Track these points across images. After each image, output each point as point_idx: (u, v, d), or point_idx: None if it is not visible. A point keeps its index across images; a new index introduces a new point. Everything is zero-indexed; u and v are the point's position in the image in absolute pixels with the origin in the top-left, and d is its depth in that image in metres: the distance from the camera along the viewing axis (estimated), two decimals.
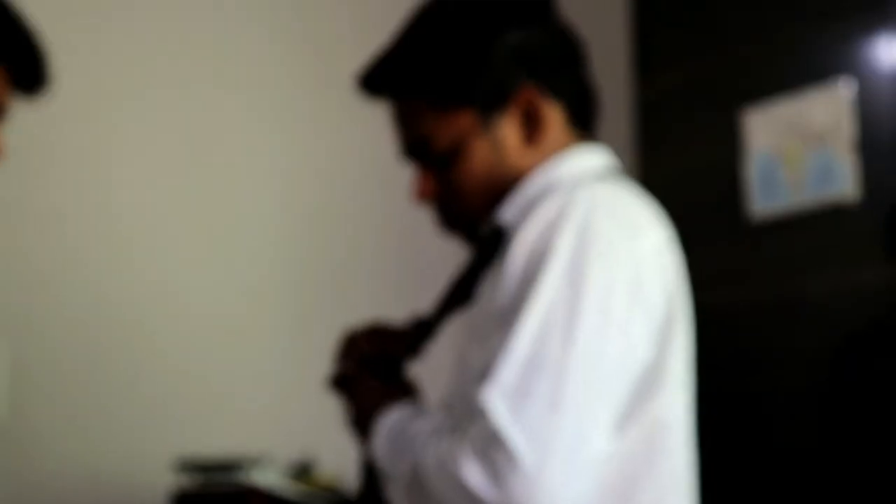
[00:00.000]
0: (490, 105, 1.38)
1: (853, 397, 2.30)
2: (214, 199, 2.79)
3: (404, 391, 1.44)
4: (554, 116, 1.39)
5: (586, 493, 1.19)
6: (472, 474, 1.17)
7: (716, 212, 2.51)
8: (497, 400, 1.16)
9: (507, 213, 1.37)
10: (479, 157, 1.41)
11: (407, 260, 2.50)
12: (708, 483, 1.56)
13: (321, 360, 1.63)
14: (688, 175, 2.57)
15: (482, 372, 1.22)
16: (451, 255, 1.64)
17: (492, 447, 1.16)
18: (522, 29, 1.39)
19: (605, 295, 1.21)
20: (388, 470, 1.31)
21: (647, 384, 1.26)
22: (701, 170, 2.57)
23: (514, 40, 1.37)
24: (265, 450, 2.42)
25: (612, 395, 1.22)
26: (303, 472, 2.50)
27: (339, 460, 2.51)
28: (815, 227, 2.35)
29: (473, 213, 1.43)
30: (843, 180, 2.29)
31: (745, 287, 2.49)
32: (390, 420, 1.35)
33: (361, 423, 1.40)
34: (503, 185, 1.40)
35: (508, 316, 1.23)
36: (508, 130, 1.40)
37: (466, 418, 1.23)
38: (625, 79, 2.84)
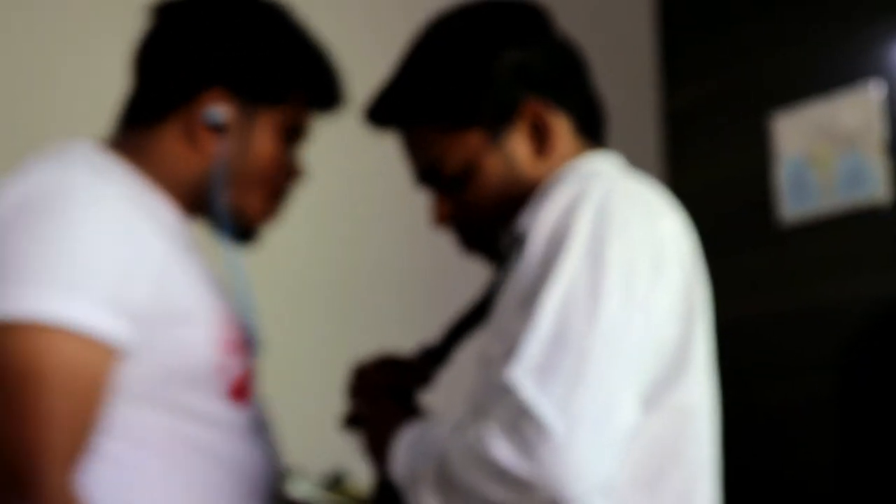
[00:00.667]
0: (497, 121, 1.38)
1: (891, 403, 2.26)
2: None
3: (417, 416, 1.44)
4: (562, 126, 1.39)
5: (614, 474, 1.20)
6: (501, 450, 1.16)
7: (746, 218, 2.50)
8: (523, 376, 1.16)
9: (526, 221, 1.35)
10: (493, 172, 1.41)
11: (437, 277, 2.50)
12: (734, 491, 1.53)
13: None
14: (717, 183, 2.56)
15: (505, 355, 1.22)
16: (480, 271, 1.60)
17: (520, 421, 1.16)
18: (520, 46, 1.40)
19: (626, 272, 1.21)
20: (412, 477, 1.28)
21: (673, 367, 1.25)
22: (731, 177, 2.57)
23: (514, 57, 1.38)
24: (298, 462, 2.31)
25: (637, 371, 1.22)
26: (336, 483, 2.52)
27: (372, 471, 2.77)
28: (845, 230, 2.34)
29: (493, 229, 1.43)
30: (873, 183, 2.28)
31: (777, 292, 2.46)
32: (408, 434, 1.34)
33: (379, 446, 1.38)
34: (519, 197, 1.40)
35: (530, 298, 1.22)
36: (518, 144, 1.40)
37: (489, 401, 1.23)
38: (652, 89, 2.83)
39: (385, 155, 2.75)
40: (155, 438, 1.37)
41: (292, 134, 1.50)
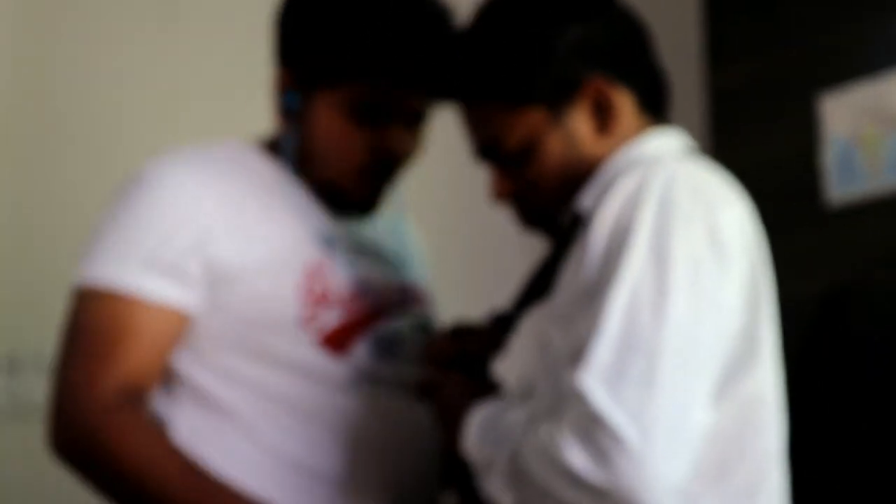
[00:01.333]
0: (558, 99, 1.37)
1: None
2: None
3: (491, 388, 1.43)
4: (625, 103, 1.38)
5: (685, 471, 1.19)
6: (576, 457, 1.15)
7: (793, 199, 2.50)
8: (593, 382, 1.15)
9: (586, 199, 1.35)
10: (554, 151, 1.40)
11: (494, 252, 2.53)
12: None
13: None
14: (763, 164, 2.52)
15: (572, 355, 1.22)
16: (534, 248, 1.60)
17: (594, 429, 1.15)
18: (583, 21, 1.39)
19: (692, 267, 1.20)
20: (484, 461, 1.29)
21: (741, 355, 1.25)
22: (777, 158, 2.55)
23: (576, 33, 1.37)
24: None
25: (709, 369, 1.22)
26: None
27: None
28: (893, 212, 2.34)
29: (553, 207, 1.42)
30: None
31: (818, 273, 2.46)
32: (481, 414, 1.34)
33: (448, 418, 1.39)
34: (580, 175, 1.39)
35: (594, 295, 1.22)
36: (580, 122, 1.38)
37: (560, 403, 1.23)
38: (698, 69, 2.82)
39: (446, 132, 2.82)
40: (245, 385, 1.40)
41: (369, 113, 1.48)
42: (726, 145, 2.67)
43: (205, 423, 1.43)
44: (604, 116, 1.35)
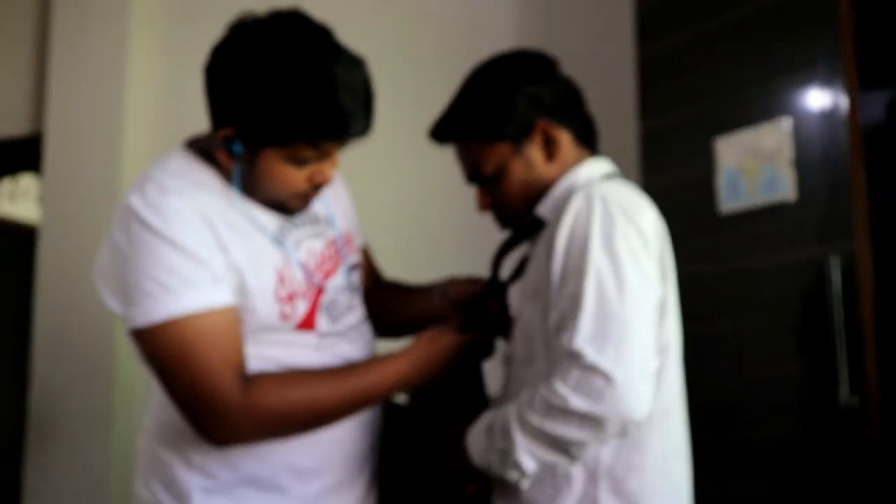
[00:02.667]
0: (519, 137, 1.54)
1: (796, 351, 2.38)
2: None
3: (479, 345, 1.59)
4: (565, 139, 1.55)
5: (651, 398, 1.34)
6: (578, 402, 1.30)
7: (697, 210, 2.63)
8: (584, 344, 1.31)
9: (542, 208, 1.56)
10: (518, 174, 1.56)
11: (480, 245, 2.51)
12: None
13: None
14: (677, 185, 2.67)
15: (555, 325, 1.38)
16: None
17: (590, 377, 1.29)
18: (536, 82, 1.56)
19: (632, 256, 1.36)
20: (497, 455, 1.39)
21: (660, 315, 1.42)
22: (686, 182, 2.68)
23: (531, 90, 1.54)
24: None
25: (653, 325, 1.38)
26: None
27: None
28: (764, 219, 2.48)
29: (519, 213, 1.60)
30: (785, 187, 2.44)
31: (714, 261, 2.59)
32: (473, 430, 1.46)
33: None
34: (536, 190, 1.57)
35: (565, 281, 1.38)
36: (535, 153, 1.56)
37: (544, 362, 1.42)
38: (634, 116, 2.91)
39: (444, 161, 3.10)
40: (256, 358, 1.54)
41: (302, 160, 1.49)
42: (653, 171, 2.76)
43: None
44: (551, 149, 1.54)
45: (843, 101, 2.32)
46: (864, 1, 2.36)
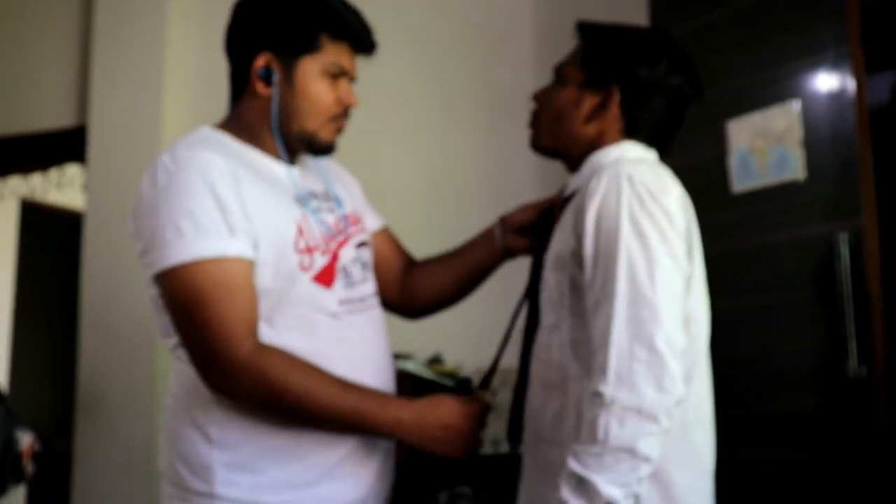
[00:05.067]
0: (595, 84, 1.59)
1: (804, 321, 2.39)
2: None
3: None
4: (614, 120, 1.58)
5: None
6: (647, 390, 1.30)
7: (711, 189, 2.63)
8: (620, 329, 1.33)
9: (577, 181, 1.59)
10: (568, 97, 1.61)
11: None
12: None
13: None
14: (692, 167, 2.57)
15: (591, 308, 1.38)
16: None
17: (631, 365, 1.31)
18: (676, 74, 1.59)
19: (660, 237, 1.37)
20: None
21: (686, 286, 1.42)
22: (701, 162, 2.67)
23: (663, 73, 1.58)
24: (410, 349, 2.89)
25: (681, 301, 1.39)
26: (435, 361, 2.92)
27: (458, 356, 2.97)
28: (775, 198, 2.50)
29: (539, 133, 1.64)
30: (794, 167, 2.45)
31: (727, 239, 2.57)
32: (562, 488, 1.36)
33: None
34: (561, 129, 1.60)
35: (597, 264, 1.39)
36: (587, 103, 1.59)
37: (569, 329, 1.43)
38: None
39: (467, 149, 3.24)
40: (278, 315, 1.54)
41: (336, 74, 1.60)
42: (668, 153, 2.49)
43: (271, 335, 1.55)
44: (597, 112, 1.57)
45: (850, 84, 2.34)
46: None
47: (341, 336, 1.57)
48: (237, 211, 1.46)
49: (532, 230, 1.75)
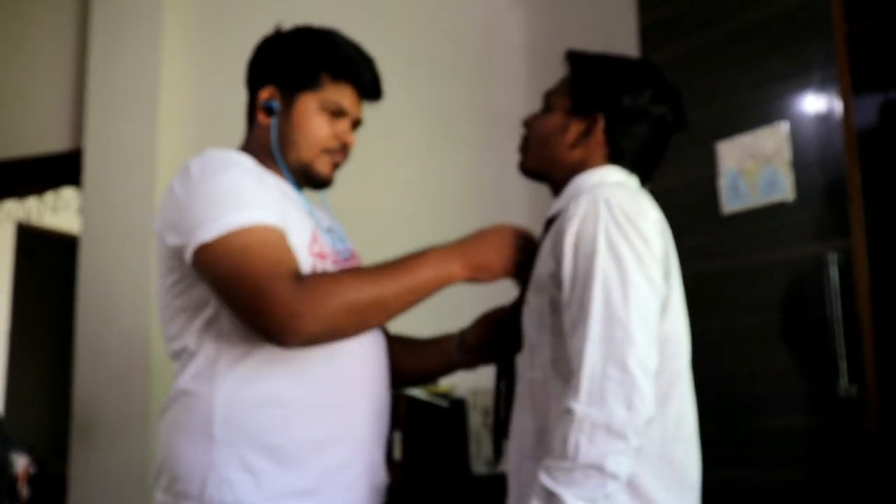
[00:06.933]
0: (582, 111, 1.59)
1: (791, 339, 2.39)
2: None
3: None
4: (599, 146, 1.59)
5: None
6: (617, 410, 1.31)
7: (701, 210, 2.64)
8: (594, 348, 1.33)
9: (559, 203, 1.58)
10: (555, 123, 1.61)
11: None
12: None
13: (441, 304, 1.82)
14: (682, 188, 2.68)
15: (568, 329, 1.39)
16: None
17: (603, 381, 1.31)
18: (661, 103, 1.60)
19: (636, 260, 1.37)
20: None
21: (662, 308, 1.43)
22: (691, 183, 2.69)
23: (647, 103, 1.58)
24: None
25: (656, 323, 1.38)
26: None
27: (452, 377, 2.96)
28: (765, 218, 2.50)
29: (526, 156, 1.65)
30: (783, 188, 2.46)
31: (718, 259, 2.60)
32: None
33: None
34: (547, 155, 1.60)
35: (575, 286, 1.39)
36: (574, 129, 1.59)
37: (549, 349, 1.44)
38: None
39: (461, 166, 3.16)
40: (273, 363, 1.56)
41: (335, 112, 1.64)
42: (658, 174, 2.29)
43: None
44: (585, 137, 1.58)
45: (838, 106, 2.36)
46: (855, 11, 2.37)
47: (344, 343, 1.58)
48: (269, 200, 1.52)
49: (486, 347, 1.75)
